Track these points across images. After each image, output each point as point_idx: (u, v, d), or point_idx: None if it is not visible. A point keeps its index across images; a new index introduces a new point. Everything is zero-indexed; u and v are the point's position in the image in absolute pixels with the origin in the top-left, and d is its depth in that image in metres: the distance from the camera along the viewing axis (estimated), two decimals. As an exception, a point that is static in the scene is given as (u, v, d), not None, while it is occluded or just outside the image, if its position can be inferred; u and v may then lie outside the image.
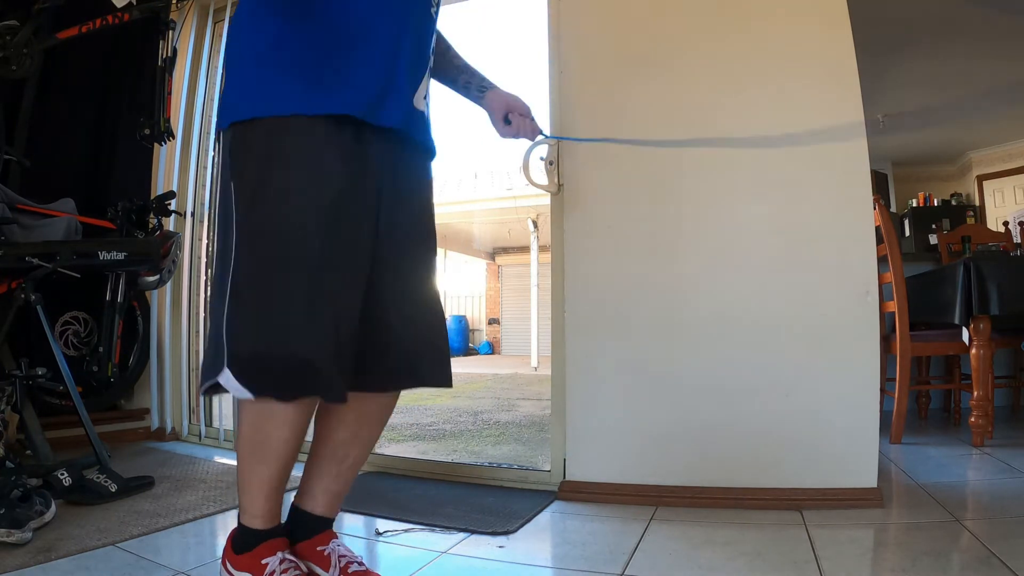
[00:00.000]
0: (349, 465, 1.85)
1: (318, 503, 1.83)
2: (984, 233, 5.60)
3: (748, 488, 2.65)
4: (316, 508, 1.83)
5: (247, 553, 1.66)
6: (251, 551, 1.66)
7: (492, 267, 21.92)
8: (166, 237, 3.64)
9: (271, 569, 1.63)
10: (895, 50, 6.23)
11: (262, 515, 1.68)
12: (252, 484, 1.67)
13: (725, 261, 2.76)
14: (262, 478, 1.66)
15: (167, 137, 3.74)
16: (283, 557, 1.67)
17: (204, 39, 4.42)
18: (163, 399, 4.22)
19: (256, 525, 1.68)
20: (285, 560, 1.66)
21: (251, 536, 1.68)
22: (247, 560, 1.66)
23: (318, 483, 1.84)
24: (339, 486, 1.85)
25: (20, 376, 2.97)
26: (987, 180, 9.76)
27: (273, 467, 1.65)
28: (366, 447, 1.89)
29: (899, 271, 4.04)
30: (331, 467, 1.83)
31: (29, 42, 3.33)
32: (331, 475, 1.83)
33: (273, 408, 1.59)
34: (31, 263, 3.05)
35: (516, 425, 5.58)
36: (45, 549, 2.08)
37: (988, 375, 3.69)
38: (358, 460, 1.87)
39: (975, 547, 2.08)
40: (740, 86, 2.80)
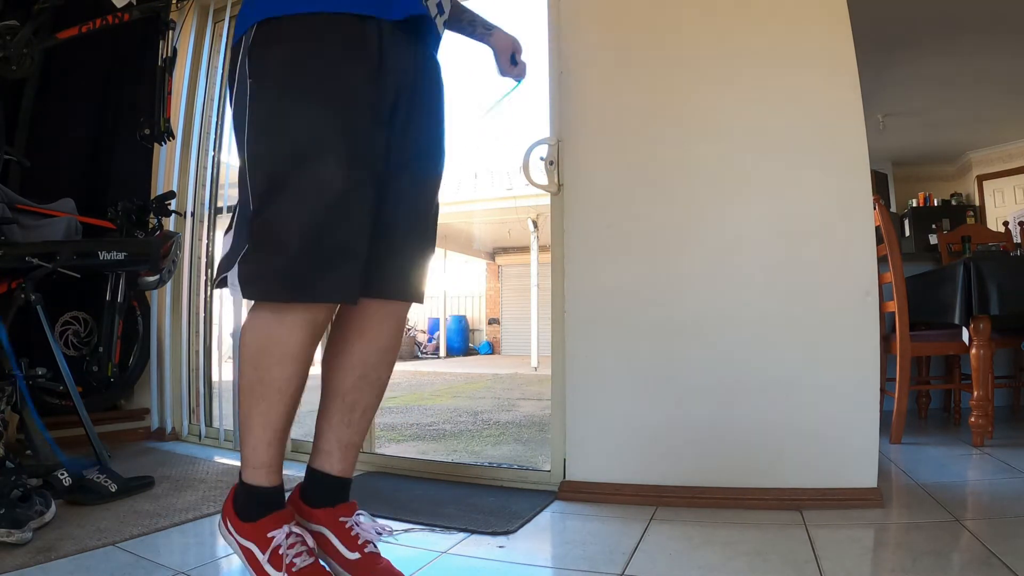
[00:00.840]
0: (361, 412, 1.85)
1: (334, 459, 1.82)
2: (984, 233, 5.60)
3: (748, 488, 2.65)
4: (333, 466, 1.82)
5: (252, 523, 1.64)
6: (257, 521, 1.64)
7: (492, 267, 21.92)
8: (166, 237, 3.64)
9: (277, 543, 1.60)
10: (895, 50, 6.23)
11: (265, 465, 1.66)
12: (253, 426, 1.65)
13: (725, 260, 2.76)
14: (265, 418, 1.64)
15: (167, 137, 3.74)
16: (290, 531, 1.63)
17: (204, 39, 4.42)
18: (163, 399, 4.22)
19: (259, 480, 1.66)
20: (292, 534, 1.63)
21: (256, 500, 1.66)
22: (252, 530, 1.64)
23: (331, 435, 1.83)
24: (353, 436, 1.84)
25: (20, 376, 2.97)
26: (987, 180, 9.76)
27: (275, 405, 1.63)
28: (375, 390, 1.88)
29: (899, 271, 4.04)
30: (343, 416, 1.82)
31: (29, 42, 3.33)
32: (343, 424, 1.82)
33: (277, 335, 1.59)
34: (31, 263, 3.05)
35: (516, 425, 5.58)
36: (45, 549, 2.07)
37: (988, 375, 3.69)
38: (369, 406, 1.87)
39: (975, 547, 2.08)
40: (740, 85, 2.80)
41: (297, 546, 1.62)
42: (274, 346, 1.60)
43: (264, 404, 1.63)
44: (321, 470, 1.82)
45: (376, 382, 1.87)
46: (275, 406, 1.63)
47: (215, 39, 4.45)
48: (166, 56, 3.72)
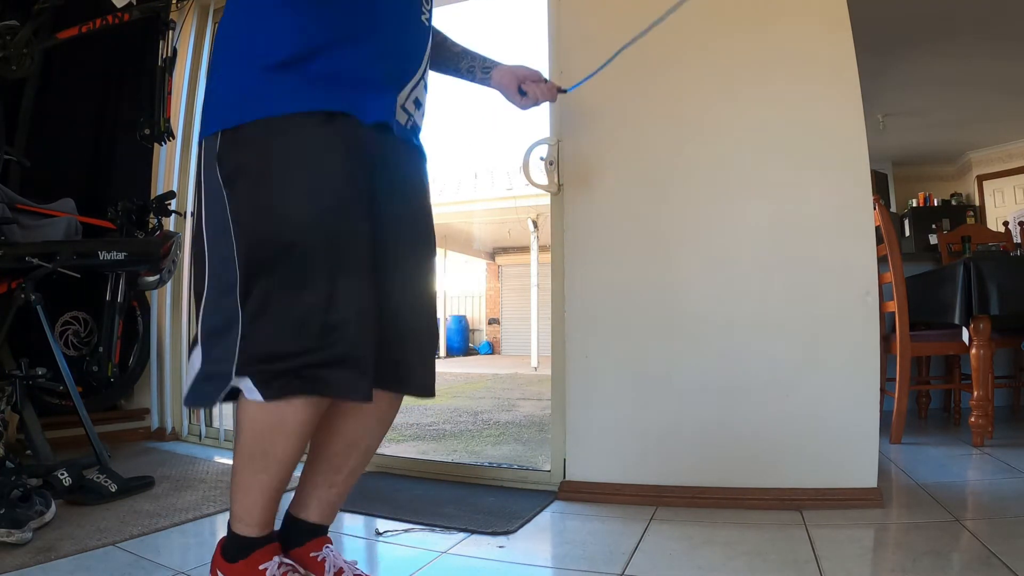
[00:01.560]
0: (345, 476, 1.83)
1: (312, 512, 1.82)
2: (984, 233, 5.60)
3: (748, 488, 2.65)
4: (311, 516, 1.82)
5: (243, 560, 1.63)
6: (247, 558, 1.62)
7: (492, 267, 21.93)
8: (166, 237, 3.64)
9: (271, 573, 1.60)
10: (895, 50, 6.23)
11: (258, 524, 1.64)
12: (251, 493, 1.63)
13: (725, 260, 2.76)
14: (263, 487, 1.62)
15: (167, 137, 3.74)
16: (281, 561, 1.63)
17: (204, 39, 4.41)
18: (163, 399, 4.22)
19: (250, 534, 1.64)
20: (283, 564, 1.63)
21: (245, 543, 1.64)
22: (243, 567, 1.62)
23: (313, 492, 1.82)
24: (335, 496, 1.84)
25: (20, 376, 2.97)
26: (987, 180, 9.76)
27: (275, 477, 1.61)
28: (363, 458, 1.86)
29: (899, 271, 4.04)
30: (327, 477, 1.81)
31: (29, 42, 3.34)
32: (327, 485, 1.81)
33: (284, 415, 1.55)
34: (31, 263, 3.05)
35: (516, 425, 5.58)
36: (45, 549, 2.08)
37: (988, 375, 3.69)
38: (355, 470, 1.85)
39: (975, 547, 2.08)
40: (741, 85, 2.80)
41: (290, 573, 1.62)
42: (280, 425, 1.56)
43: (264, 476, 1.61)
44: (299, 517, 1.82)
45: (365, 450, 1.85)
46: (275, 476, 1.61)
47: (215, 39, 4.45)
48: (166, 56, 3.72)
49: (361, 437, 1.82)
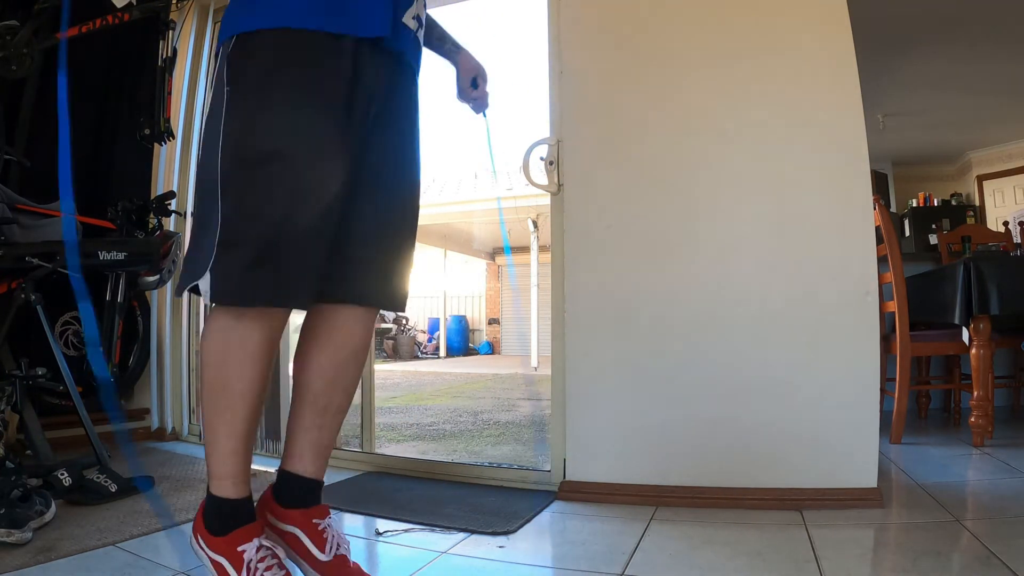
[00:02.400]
0: (332, 413, 1.86)
1: (306, 461, 1.82)
2: (984, 233, 5.61)
3: (748, 488, 2.65)
4: (305, 468, 1.82)
5: (223, 537, 1.63)
6: (227, 535, 1.62)
7: (492, 267, 21.92)
8: (166, 237, 3.64)
9: (248, 558, 1.60)
10: (895, 50, 6.23)
11: (231, 476, 1.65)
12: (219, 437, 1.64)
13: (725, 261, 2.77)
14: (230, 427, 1.63)
15: (167, 137, 3.74)
16: (260, 544, 1.63)
17: (204, 39, 4.41)
18: (163, 399, 4.22)
19: (227, 492, 1.64)
20: (262, 547, 1.63)
21: (225, 512, 1.64)
22: (222, 544, 1.62)
23: (303, 437, 1.83)
24: (324, 437, 1.85)
25: (20, 376, 2.97)
26: (987, 180, 9.76)
27: (239, 412, 1.63)
28: (345, 394, 1.89)
29: (899, 271, 4.04)
30: (313, 419, 1.83)
31: (29, 42, 3.33)
32: (315, 427, 1.83)
33: (232, 340, 1.62)
34: (31, 263, 3.05)
35: (516, 425, 5.58)
36: (45, 549, 2.07)
37: (988, 375, 3.69)
38: (340, 407, 1.88)
39: (975, 547, 2.08)
40: (741, 86, 2.80)
41: (268, 559, 1.61)
42: (234, 350, 1.62)
43: (228, 413, 1.63)
44: (293, 472, 1.83)
45: (346, 384, 1.88)
46: (238, 413, 1.63)
47: (215, 39, 4.44)
48: (166, 56, 3.72)
49: (339, 372, 1.85)
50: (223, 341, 1.63)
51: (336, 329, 1.84)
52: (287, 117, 1.61)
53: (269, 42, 1.62)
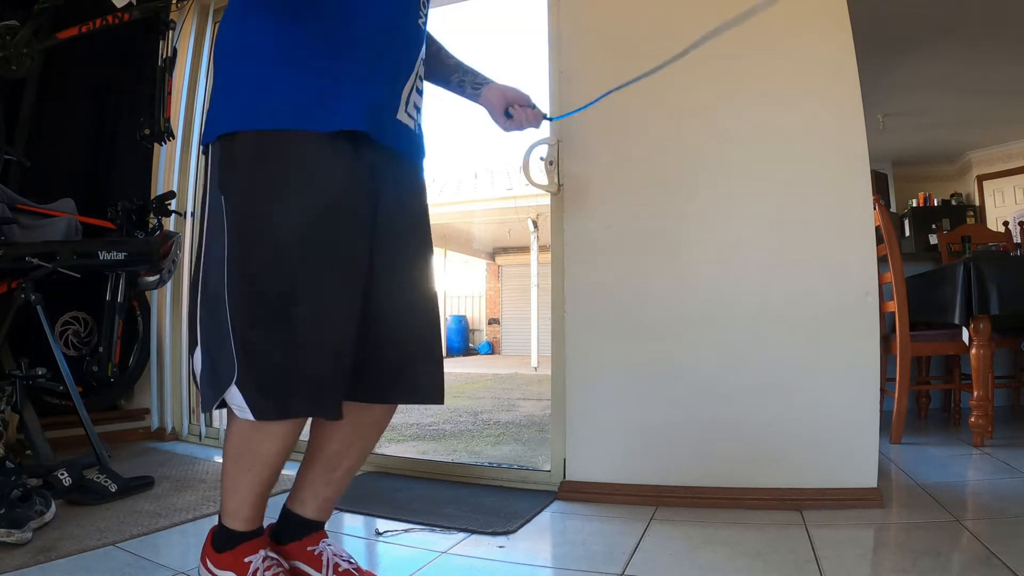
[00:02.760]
0: (341, 474, 1.85)
1: (308, 508, 1.84)
2: (984, 233, 5.61)
3: (748, 488, 2.65)
4: (306, 512, 1.84)
5: (229, 551, 1.66)
6: (233, 549, 1.66)
7: (492, 267, 21.93)
8: (166, 237, 3.64)
9: (254, 567, 1.64)
10: (895, 50, 6.23)
11: (245, 520, 1.68)
12: (239, 491, 1.67)
13: (725, 260, 2.77)
14: (250, 486, 1.66)
15: (167, 137, 3.74)
16: (266, 555, 1.67)
17: (204, 39, 4.41)
18: (163, 399, 4.22)
19: (239, 528, 1.68)
20: (268, 558, 1.67)
21: (233, 536, 1.68)
22: (229, 558, 1.66)
23: (309, 489, 1.84)
24: (330, 492, 1.85)
25: (20, 376, 2.97)
26: (987, 180, 9.76)
27: (261, 476, 1.65)
28: (359, 457, 1.88)
29: (899, 271, 4.04)
30: (323, 475, 1.83)
31: (29, 42, 3.34)
32: (322, 482, 1.83)
33: (262, 426, 1.58)
34: (31, 263, 3.05)
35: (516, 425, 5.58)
36: (45, 549, 2.08)
37: (988, 375, 3.69)
38: (351, 468, 1.87)
39: (975, 547, 2.08)
40: (741, 86, 2.80)
41: (274, 567, 1.66)
42: (265, 431, 1.60)
43: (250, 475, 1.65)
44: (295, 512, 1.85)
45: (361, 451, 1.87)
46: (259, 476, 1.65)
47: (215, 39, 4.44)
48: (166, 56, 3.72)
49: (357, 439, 1.84)
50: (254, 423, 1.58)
51: (366, 411, 1.80)
52: (293, 249, 1.54)
53: (258, 145, 1.56)
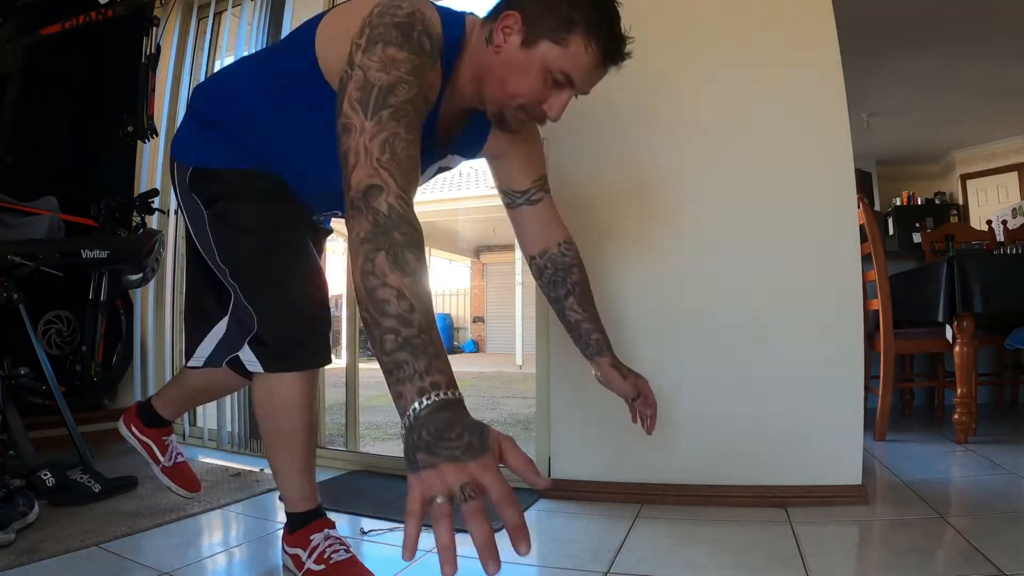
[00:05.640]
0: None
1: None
2: (967, 232, 5.64)
3: (733, 486, 2.65)
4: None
5: (296, 532, 1.91)
6: (299, 530, 1.91)
7: (477, 265, 21.92)
8: (149, 235, 3.62)
9: (316, 543, 1.87)
10: (880, 50, 6.25)
11: (301, 498, 1.92)
12: (283, 470, 1.92)
13: (709, 259, 2.77)
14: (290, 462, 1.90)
15: (150, 134, 3.72)
16: (328, 534, 1.90)
17: (188, 36, 4.39)
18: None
19: (301, 508, 1.93)
20: (330, 537, 1.89)
21: (297, 517, 1.92)
22: (297, 538, 1.90)
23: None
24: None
25: (2, 376, 2.95)
26: (970, 179, 9.82)
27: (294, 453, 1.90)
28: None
29: (883, 269, 4.06)
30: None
31: (12, 39, 3.31)
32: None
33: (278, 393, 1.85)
34: (13, 261, 3.03)
35: (501, 423, 5.58)
36: (28, 550, 2.06)
37: (972, 372, 3.71)
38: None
39: (959, 543, 2.09)
40: (726, 85, 2.80)
41: (335, 544, 1.88)
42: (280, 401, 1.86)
43: (286, 453, 1.90)
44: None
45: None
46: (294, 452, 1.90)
47: (199, 36, 4.42)
48: (150, 53, 3.70)
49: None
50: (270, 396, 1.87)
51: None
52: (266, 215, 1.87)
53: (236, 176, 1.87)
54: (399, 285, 1.14)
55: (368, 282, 1.15)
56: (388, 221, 1.19)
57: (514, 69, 1.59)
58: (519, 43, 1.56)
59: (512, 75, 1.59)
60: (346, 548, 1.88)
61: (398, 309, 1.13)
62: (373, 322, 1.15)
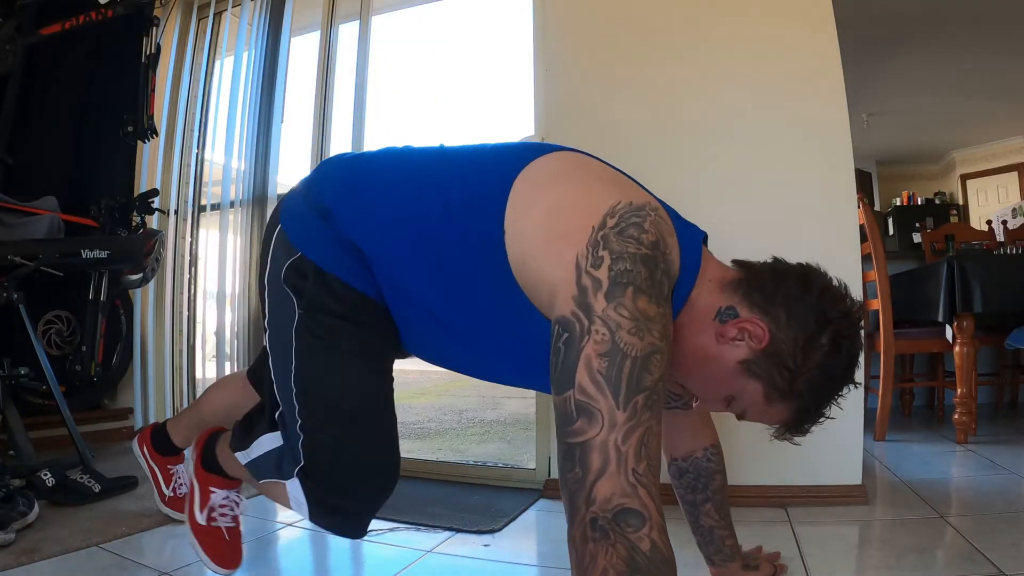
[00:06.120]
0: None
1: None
2: (967, 232, 5.64)
3: (733, 485, 2.63)
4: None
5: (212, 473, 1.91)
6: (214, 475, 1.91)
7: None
8: (149, 235, 3.61)
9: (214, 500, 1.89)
10: (880, 50, 6.25)
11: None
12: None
13: (710, 259, 2.77)
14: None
15: (150, 134, 3.72)
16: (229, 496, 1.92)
17: (188, 36, 4.40)
18: (146, 398, 4.19)
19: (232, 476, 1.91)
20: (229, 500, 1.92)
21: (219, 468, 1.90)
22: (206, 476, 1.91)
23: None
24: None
25: (2, 375, 2.95)
26: (970, 179, 9.81)
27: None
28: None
29: (883, 269, 4.05)
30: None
31: (12, 38, 3.31)
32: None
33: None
34: (13, 261, 3.03)
35: (501, 423, 5.57)
36: (28, 550, 2.06)
37: (971, 372, 3.71)
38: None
39: (959, 543, 2.09)
40: (726, 84, 2.80)
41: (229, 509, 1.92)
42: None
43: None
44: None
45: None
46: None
47: (199, 36, 4.43)
48: (150, 53, 3.70)
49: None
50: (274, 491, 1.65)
51: None
52: (375, 363, 1.57)
53: (356, 299, 1.49)
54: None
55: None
56: (649, 565, 0.96)
57: (720, 372, 1.32)
58: (741, 357, 1.28)
59: (712, 376, 1.34)
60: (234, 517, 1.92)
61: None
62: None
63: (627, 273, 1.09)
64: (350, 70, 3.89)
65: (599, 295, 1.08)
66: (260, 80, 4.04)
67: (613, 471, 0.98)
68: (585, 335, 1.06)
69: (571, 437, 1.04)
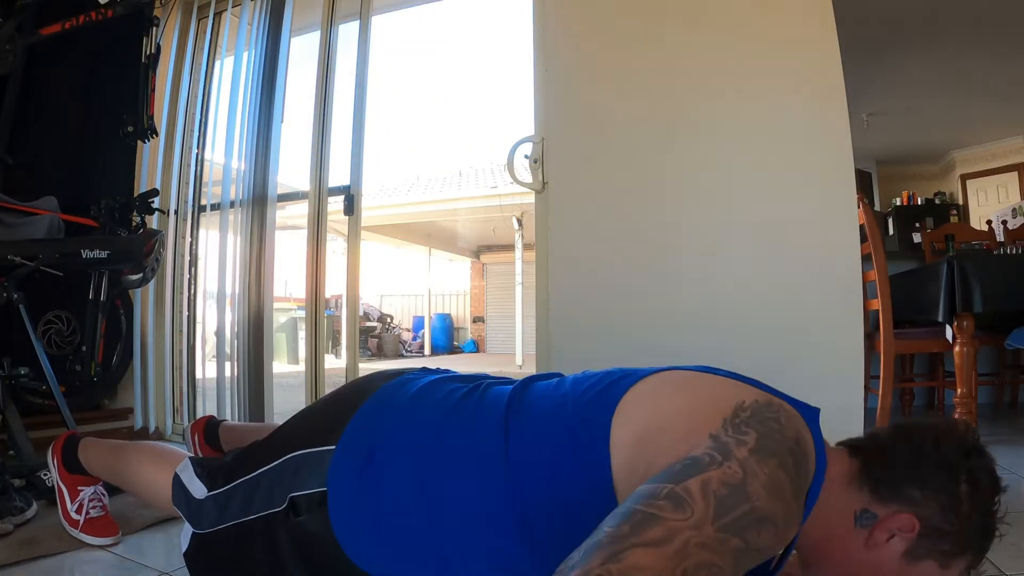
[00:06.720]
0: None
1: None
2: (967, 232, 5.64)
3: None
4: None
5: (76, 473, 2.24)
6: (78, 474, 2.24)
7: (477, 265, 21.91)
8: (149, 235, 3.61)
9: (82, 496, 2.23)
10: (880, 49, 6.25)
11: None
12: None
13: (709, 259, 2.77)
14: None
15: (150, 134, 3.72)
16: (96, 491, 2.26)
17: (188, 36, 4.40)
18: (146, 398, 4.19)
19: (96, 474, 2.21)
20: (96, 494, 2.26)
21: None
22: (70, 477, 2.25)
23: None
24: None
25: (2, 375, 2.95)
26: (970, 179, 9.82)
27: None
28: None
29: (883, 269, 4.05)
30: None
31: (11, 38, 3.31)
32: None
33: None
34: (13, 261, 3.03)
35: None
36: (28, 542, 2.07)
37: (971, 372, 3.70)
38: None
39: (959, 544, 2.08)
40: (725, 84, 2.80)
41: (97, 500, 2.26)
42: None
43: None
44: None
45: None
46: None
47: (199, 36, 4.43)
48: (150, 53, 3.69)
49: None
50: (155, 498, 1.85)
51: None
52: None
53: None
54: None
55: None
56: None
57: (875, 572, 1.24)
58: (902, 551, 1.21)
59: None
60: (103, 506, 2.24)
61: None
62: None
63: (778, 449, 1.04)
64: (350, 70, 3.89)
65: (743, 448, 1.01)
66: (260, 80, 4.04)
67: (665, 552, 0.84)
68: (714, 464, 0.97)
69: (642, 504, 0.91)
